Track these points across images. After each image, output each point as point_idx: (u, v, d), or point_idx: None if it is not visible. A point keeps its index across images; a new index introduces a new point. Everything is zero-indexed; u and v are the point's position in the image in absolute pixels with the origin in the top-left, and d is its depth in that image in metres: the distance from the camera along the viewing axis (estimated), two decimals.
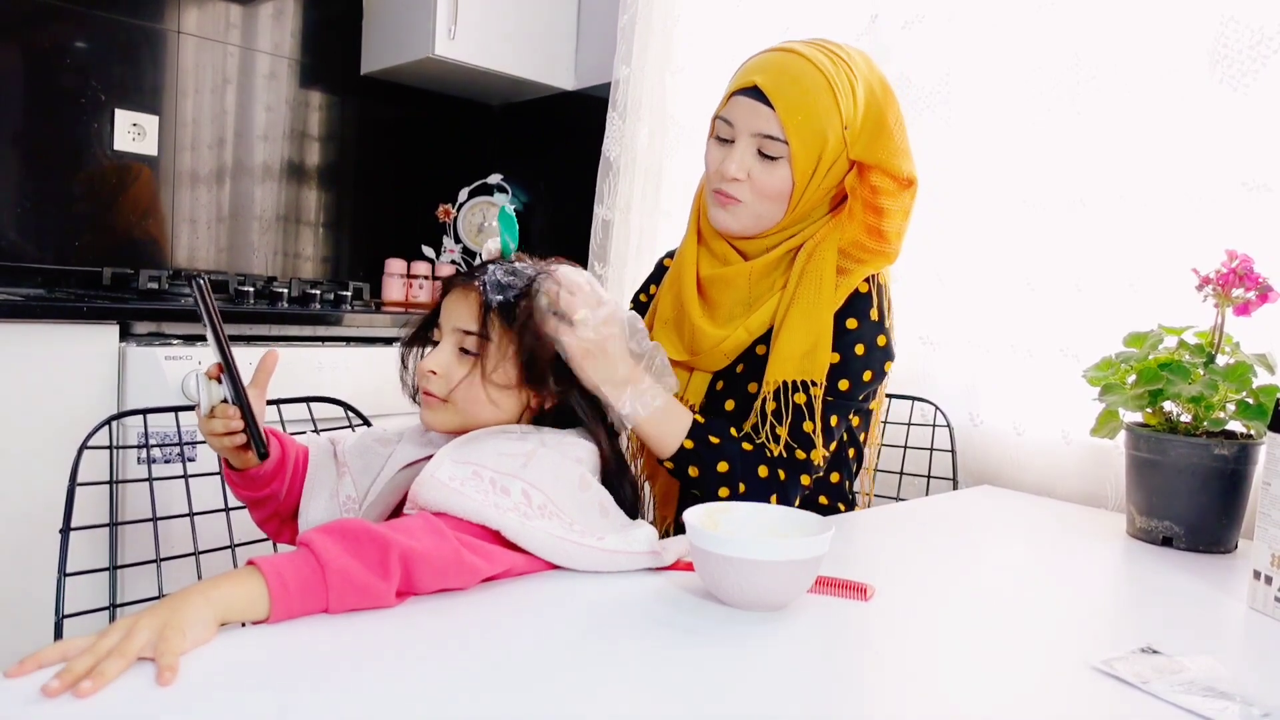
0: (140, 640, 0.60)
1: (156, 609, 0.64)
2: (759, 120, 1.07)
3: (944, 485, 1.56)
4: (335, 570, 0.70)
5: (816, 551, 0.78)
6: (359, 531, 0.73)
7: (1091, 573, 1.06)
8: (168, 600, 0.65)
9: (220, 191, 2.38)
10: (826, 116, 1.06)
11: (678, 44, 2.15)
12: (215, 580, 0.67)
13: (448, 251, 2.67)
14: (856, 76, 1.09)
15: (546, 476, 0.87)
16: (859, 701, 0.64)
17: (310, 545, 0.70)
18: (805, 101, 1.06)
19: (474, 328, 0.93)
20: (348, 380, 1.83)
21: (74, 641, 0.61)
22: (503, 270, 0.96)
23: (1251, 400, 1.09)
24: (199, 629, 0.63)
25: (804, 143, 1.06)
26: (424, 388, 0.95)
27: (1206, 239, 1.29)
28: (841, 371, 1.09)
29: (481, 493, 0.82)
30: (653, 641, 0.72)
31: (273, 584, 0.67)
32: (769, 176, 1.09)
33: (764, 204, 1.10)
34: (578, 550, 0.84)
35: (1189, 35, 1.36)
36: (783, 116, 1.06)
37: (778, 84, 1.06)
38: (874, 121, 1.09)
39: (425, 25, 2.32)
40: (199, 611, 0.64)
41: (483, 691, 0.61)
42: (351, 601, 0.71)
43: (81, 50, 2.11)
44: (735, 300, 1.15)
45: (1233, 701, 0.65)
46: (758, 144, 1.08)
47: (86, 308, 1.61)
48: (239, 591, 0.67)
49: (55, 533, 1.02)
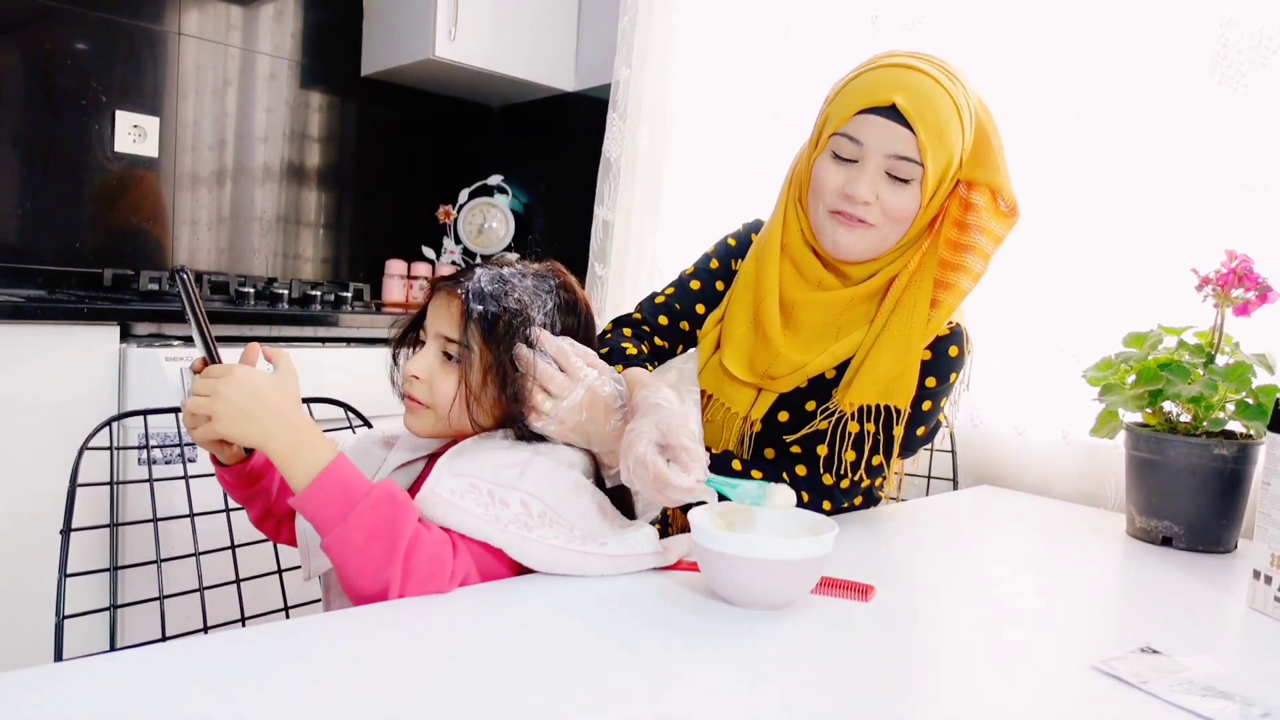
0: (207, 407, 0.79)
1: (249, 400, 0.79)
2: (895, 141, 1.02)
3: (944, 485, 1.56)
4: (354, 528, 0.75)
5: (820, 551, 0.78)
6: (393, 525, 0.76)
7: (1091, 573, 1.06)
8: (265, 401, 0.79)
9: (221, 193, 2.38)
10: (955, 139, 1.04)
11: (678, 45, 2.15)
12: (301, 432, 0.79)
13: (448, 253, 2.67)
14: (970, 93, 1.07)
15: (543, 484, 0.86)
16: (860, 702, 0.64)
17: (369, 500, 0.77)
18: (940, 124, 1.02)
19: (456, 335, 0.91)
20: (348, 381, 1.82)
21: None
22: (489, 278, 0.92)
23: (1251, 400, 1.09)
24: (238, 436, 0.80)
25: (937, 163, 1.03)
26: (407, 392, 0.93)
27: (1206, 239, 1.29)
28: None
29: (481, 506, 0.82)
30: (655, 640, 0.72)
31: (321, 481, 0.76)
32: (899, 199, 1.04)
33: (890, 227, 1.06)
34: (581, 559, 0.83)
35: (1189, 36, 1.36)
36: (923, 140, 1.01)
37: (918, 106, 1.01)
38: (982, 142, 1.07)
39: (425, 26, 2.32)
40: (262, 434, 0.78)
41: (485, 691, 0.61)
42: (339, 561, 0.76)
43: (82, 52, 2.11)
44: (824, 324, 1.11)
45: (1232, 701, 0.65)
46: (888, 165, 1.03)
47: (87, 309, 1.61)
48: (299, 458, 0.78)
49: (56, 533, 1.02)
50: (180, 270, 0.84)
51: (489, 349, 0.90)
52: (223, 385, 0.79)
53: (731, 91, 2.02)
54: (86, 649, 0.75)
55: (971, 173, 1.07)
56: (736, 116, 2.02)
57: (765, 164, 1.90)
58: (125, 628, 1.26)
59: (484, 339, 0.90)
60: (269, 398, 0.80)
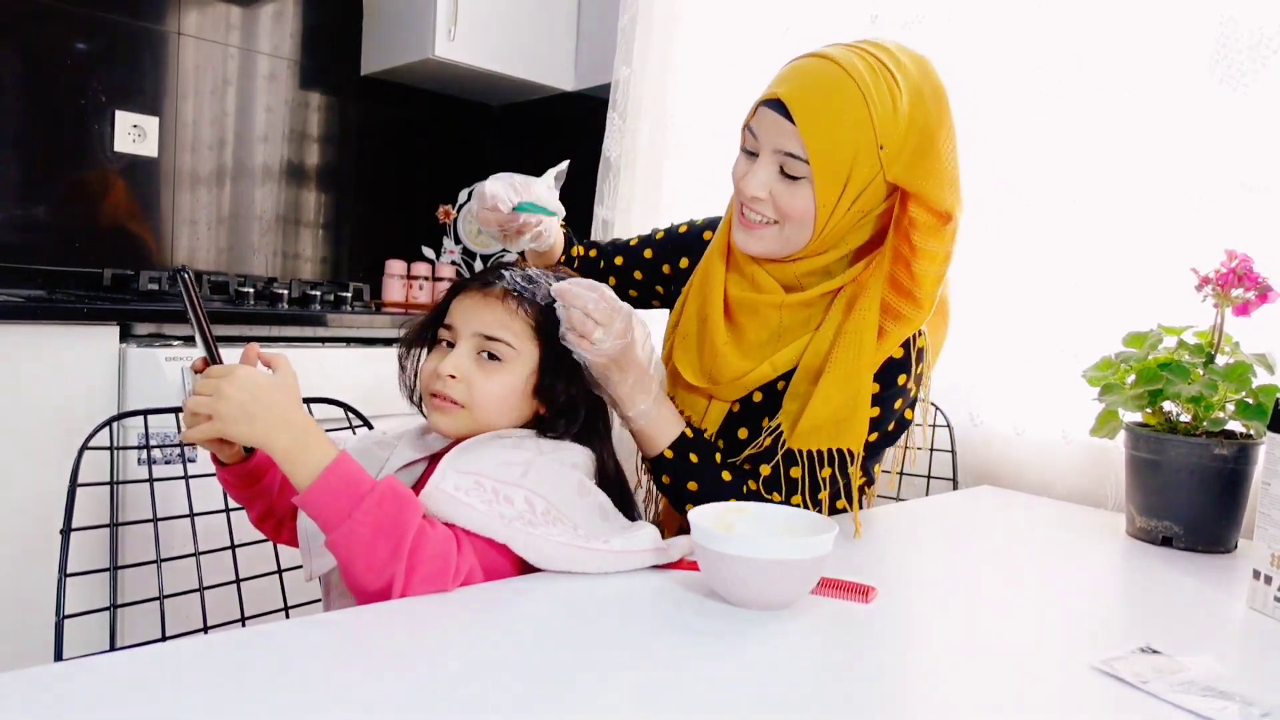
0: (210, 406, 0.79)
1: (252, 399, 0.78)
2: (781, 137, 0.97)
3: (944, 485, 1.56)
4: (359, 525, 0.75)
5: (820, 551, 0.78)
6: (398, 521, 0.76)
7: (1091, 573, 1.05)
8: (268, 401, 0.79)
9: (220, 193, 2.38)
10: (856, 132, 0.94)
11: (678, 44, 2.15)
12: (304, 431, 0.78)
13: (448, 252, 2.67)
14: (901, 86, 0.96)
15: (546, 483, 0.87)
16: (860, 702, 0.64)
17: (371, 499, 0.76)
18: (831, 117, 0.94)
19: (498, 334, 0.92)
20: (348, 381, 1.83)
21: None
22: (522, 277, 0.95)
23: (1251, 400, 1.09)
24: (241, 436, 0.79)
25: (827, 163, 0.95)
26: (439, 391, 0.92)
27: (1206, 239, 1.29)
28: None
29: (485, 502, 0.82)
30: (656, 640, 0.72)
31: (326, 477, 0.76)
32: (791, 198, 0.98)
33: (790, 227, 1.00)
34: (585, 554, 0.83)
35: (1189, 35, 1.36)
36: (804, 134, 0.95)
37: (801, 97, 0.96)
38: (919, 138, 0.96)
39: (425, 26, 2.32)
40: (265, 433, 0.78)
41: (485, 691, 0.61)
42: (344, 557, 0.76)
43: (82, 51, 2.11)
44: (762, 327, 1.08)
45: (1232, 701, 0.65)
46: (780, 161, 0.98)
47: (87, 309, 1.61)
48: (303, 456, 0.77)
49: (56, 533, 1.02)
50: (181, 270, 0.84)
51: (534, 341, 0.93)
52: (225, 385, 0.79)
53: (731, 91, 2.02)
54: (86, 649, 0.75)
55: (902, 175, 0.97)
56: (736, 116, 2.02)
57: None
58: (125, 628, 1.26)
59: (536, 335, 0.93)
60: (271, 398, 0.80)
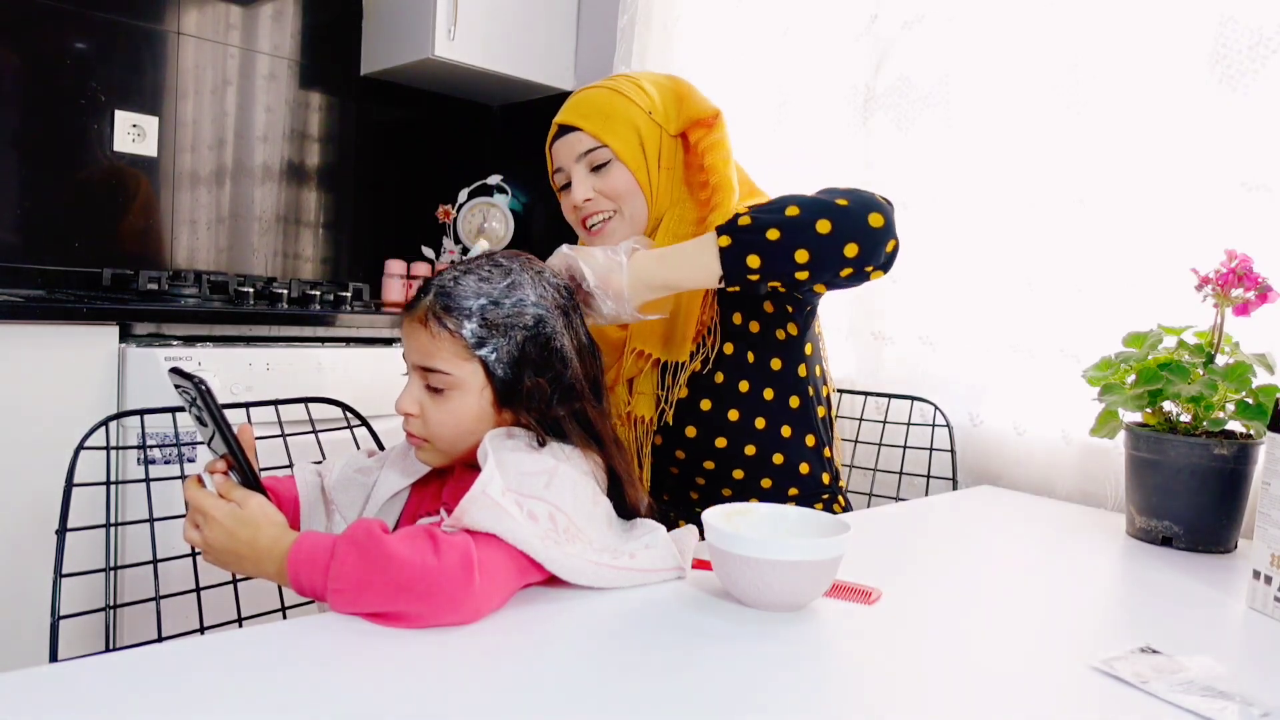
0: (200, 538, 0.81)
1: (231, 546, 0.79)
2: (577, 146, 1.17)
3: (944, 485, 1.56)
4: (342, 580, 0.72)
5: (835, 552, 0.78)
6: (365, 556, 0.72)
7: (1091, 573, 1.05)
8: (249, 540, 0.78)
9: (220, 192, 2.38)
10: (626, 109, 1.16)
11: (678, 45, 2.15)
12: (279, 549, 0.77)
13: (447, 252, 2.67)
14: (639, 78, 1.20)
15: (567, 496, 0.83)
16: (861, 702, 0.64)
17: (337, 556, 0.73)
18: (602, 108, 1.16)
19: (431, 364, 0.86)
20: (347, 381, 1.83)
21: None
22: (446, 285, 0.87)
23: (1251, 400, 1.08)
24: (232, 570, 0.82)
25: (617, 136, 1.15)
26: (405, 428, 0.90)
27: (1206, 239, 1.29)
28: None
29: (522, 518, 0.79)
30: (669, 641, 0.72)
31: (293, 566, 0.75)
32: (613, 180, 1.16)
33: (626, 204, 1.17)
34: (613, 573, 0.82)
35: (1188, 35, 1.36)
36: (589, 127, 1.15)
37: (572, 108, 1.18)
38: (670, 96, 1.20)
39: (425, 26, 2.32)
40: (253, 568, 0.79)
41: (489, 692, 0.61)
42: (358, 612, 0.73)
43: (81, 51, 2.11)
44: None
45: (1232, 701, 0.65)
46: (586, 162, 1.17)
47: (86, 309, 1.61)
48: (283, 575, 0.76)
49: (53, 533, 1.02)
50: (200, 382, 0.78)
51: (479, 360, 0.86)
52: (208, 531, 0.80)
53: (731, 92, 2.02)
54: (83, 650, 0.75)
55: (676, 121, 1.19)
56: (736, 116, 2.02)
57: (765, 164, 1.89)
58: (122, 628, 1.26)
59: (472, 353, 0.85)
60: (251, 536, 0.79)
